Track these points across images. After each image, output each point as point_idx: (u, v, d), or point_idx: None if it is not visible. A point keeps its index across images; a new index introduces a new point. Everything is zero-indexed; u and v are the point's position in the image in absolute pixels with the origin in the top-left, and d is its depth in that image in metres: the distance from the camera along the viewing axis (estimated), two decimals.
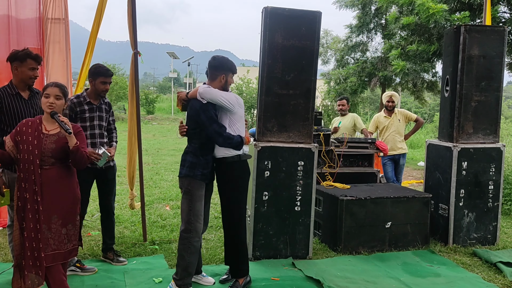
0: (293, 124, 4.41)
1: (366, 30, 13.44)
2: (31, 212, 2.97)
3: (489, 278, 4.11)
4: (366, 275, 4.10)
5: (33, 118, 3.17)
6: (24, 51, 3.53)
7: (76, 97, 3.93)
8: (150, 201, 6.50)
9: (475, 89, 4.89)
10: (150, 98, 31.07)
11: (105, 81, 3.94)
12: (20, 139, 3.03)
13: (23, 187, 2.99)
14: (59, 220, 3.03)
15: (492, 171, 5.00)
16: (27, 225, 2.96)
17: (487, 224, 5.04)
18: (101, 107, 4.02)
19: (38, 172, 2.97)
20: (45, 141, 3.02)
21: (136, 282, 3.74)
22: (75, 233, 3.13)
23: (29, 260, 2.95)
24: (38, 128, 3.05)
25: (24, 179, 2.99)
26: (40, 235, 2.95)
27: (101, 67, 3.98)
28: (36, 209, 2.96)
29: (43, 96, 3.06)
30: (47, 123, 3.09)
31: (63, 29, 4.81)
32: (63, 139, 3.04)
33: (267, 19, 4.27)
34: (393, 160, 6.54)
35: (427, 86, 12.52)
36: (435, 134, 16.33)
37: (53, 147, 3.02)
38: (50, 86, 3.08)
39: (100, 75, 3.92)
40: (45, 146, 3.01)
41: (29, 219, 2.96)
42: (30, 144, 2.99)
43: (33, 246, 2.95)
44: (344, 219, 4.63)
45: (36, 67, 3.57)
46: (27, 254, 2.95)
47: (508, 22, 8.56)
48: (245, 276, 3.73)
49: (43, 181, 2.98)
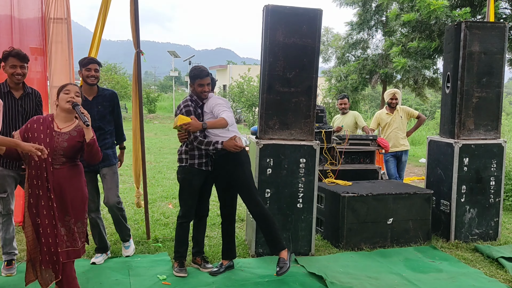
0: (294, 122, 4.43)
1: (367, 28, 13.46)
2: (45, 209, 3.01)
3: (491, 273, 4.13)
4: (368, 271, 4.12)
5: (45, 116, 3.20)
6: (7, 50, 3.65)
7: None
8: (153, 200, 6.53)
9: (476, 85, 4.90)
10: (151, 97, 31.09)
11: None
12: (31, 136, 3.05)
13: (35, 184, 3.02)
14: (71, 219, 3.09)
15: (494, 167, 5.02)
16: (42, 222, 3.01)
17: (488, 219, 5.06)
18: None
19: (51, 170, 3.01)
20: (57, 139, 3.05)
21: (140, 280, 3.77)
22: (84, 230, 3.19)
23: (46, 256, 3.02)
24: (50, 125, 3.08)
25: (36, 176, 3.02)
26: (56, 231, 3.00)
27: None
28: (51, 205, 3.01)
29: (63, 93, 3.11)
30: (59, 121, 3.12)
31: (65, 29, 4.82)
32: (75, 137, 3.07)
33: (268, 17, 4.29)
34: (395, 157, 6.55)
35: (428, 83, 12.53)
36: (436, 130, 16.33)
37: (65, 145, 3.05)
38: (70, 84, 3.19)
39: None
40: (57, 144, 3.04)
41: (44, 215, 3.01)
42: (42, 142, 3.01)
43: (49, 241, 3.01)
44: (346, 215, 4.66)
45: (17, 64, 3.64)
46: (43, 250, 3.01)
47: (509, 18, 8.55)
48: (285, 248, 3.76)
49: (55, 180, 3.02)
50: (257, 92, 18.67)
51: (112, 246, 4.46)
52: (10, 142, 2.95)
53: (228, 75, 35.95)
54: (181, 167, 3.96)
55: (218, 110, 3.79)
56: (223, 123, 3.68)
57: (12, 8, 4.70)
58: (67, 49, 4.87)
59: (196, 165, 3.89)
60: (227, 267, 4.04)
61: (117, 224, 4.25)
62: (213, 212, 5.69)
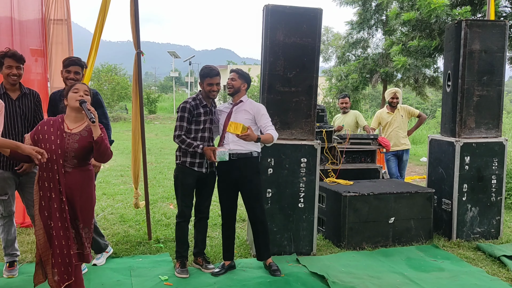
0: (295, 121, 4.43)
1: (367, 27, 13.44)
2: (58, 211, 2.98)
3: (493, 272, 4.12)
4: (370, 270, 4.12)
5: (55, 117, 3.15)
6: (3, 51, 3.64)
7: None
8: (154, 200, 6.53)
9: (477, 84, 4.90)
10: (152, 98, 31.07)
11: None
12: (41, 137, 3.02)
13: (46, 187, 2.99)
14: (80, 223, 3.07)
15: (495, 165, 5.01)
16: (55, 224, 2.98)
17: (490, 218, 5.05)
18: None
19: (62, 172, 2.97)
20: (68, 140, 3.01)
21: (142, 280, 3.77)
22: (90, 236, 3.17)
23: (58, 258, 2.99)
24: (60, 127, 3.05)
25: (47, 178, 2.99)
26: (68, 234, 2.99)
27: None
28: (63, 208, 2.98)
29: (71, 92, 3.08)
30: (70, 121, 3.09)
31: (65, 30, 4.83)
32: (86, 138, 3.04)
33: (268, 17, 4.28)
34: (397, 156, 6.54)
35: (428, 81, 12.51)
36: (437, 129, 16.31)
37: (76, 146, 3.01)
38: (79, 83, 3.16)
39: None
40: (67, 145, 3.00)
41: (57, 218, 2.99)
42: (53, 143, 2.99)
43: (62, 244, 2.99)
44: (348, 215, 4.65)
45: (12, 65, 3.63)
46: (56, 252, 2.99)
47: (509, 17, 8.53)
48: (270, 256, 4.09)
49: (67, 184, 2.99)
50: (258, 92, 18.64)
51: (114, 248, 4.46)
52: (11, 144, 2.94)
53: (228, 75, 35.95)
54: (176, 165, 3.99)
55: (265, 122, 3.90)
56: (271, 141, 3.83)
57: (12, 10, 4.70)
58: (67, 50, 4.87)
59: (188, 164, 3.88)
60: (229, 268, 4.04)
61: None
62: (214, 213, 5.69)
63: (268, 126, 3.87)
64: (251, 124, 3.83)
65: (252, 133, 3.62)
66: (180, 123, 3.85)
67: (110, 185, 7.67)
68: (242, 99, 3.98)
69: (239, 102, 3.98)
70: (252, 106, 3.95)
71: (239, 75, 3.99)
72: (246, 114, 3.91)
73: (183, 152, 3.91)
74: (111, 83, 27.78)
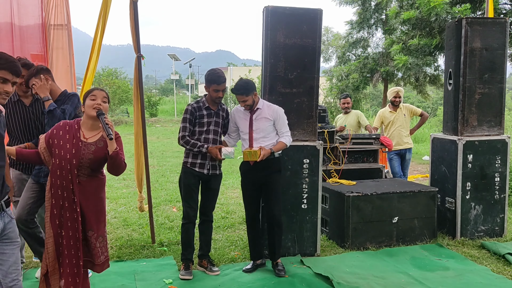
0: (297, 122, 4.43)
1: (367, 26, 13.42)
2: (69, 221, 2.90)
3: (498, 270, 4.11)
4: (374, 270, 4.11)
5: (71, 121, 3.03)
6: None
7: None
8: (157, 203, 6.52)
9: (478, 81, 4.89)
10: (153, 101, 31.13)
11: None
12: (56, 142, 2.92)
13: (60, 195, 2.90)
14: (94, 233, 2.98)
15: (498, 163, 5.00)
16: (66, 233, 2.91)
17: (494, 216, 5.03)
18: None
19: (77, 182, 2.88)
20: (84, 151, 2.90)
21: (147, 284, 3.77)
22: (105, 244, 3.08)
23: (67, 268, 2.91)
24: (76, 134, 2.94)
25: (61, 186, 2.89)
26: (79, 244, 2.91)
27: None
28: (75, 217, 2.90)
29: (88, 99, 2.94)
30: (86, 130, 2.97)
31: (66, 35, 4.82)
32: (102, 149, 2.93)
33: (268, 18, 4.28)
34: (399, 155, 6.53)
35: (429, 80, 12.49)
36: (438, 128, 16.29)
37: (91, 157, 2.91)
38: (97, 89, 3.01)
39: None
40: (83, 156, 2.89)
41: (68, 227, 2.90)
42: (68, 152, 2.89)
43: (71, 253, 2.91)
44: (351, 215, 4.64)
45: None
46: (65, 262, 2.92)
47: (509, 14, 8.52)
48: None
49: (81, 193, 2.91)
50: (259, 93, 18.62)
51: (117, 252, 4.46)
52: (9, 150, 2.89)
53: (228, 77, 35.99)
54: (182, 165, 4.06)
55: (283, 127, 3.99)
56: (284, 147, 4.00)
57: (13, 15, 4.70)
58: (68, 55, 4.87)
59: (189, 165, 3.94)
60: (258, 265, 4.16)
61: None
62: (218, 215, 5.69)
63: (284, 133, 4.00)
64: (273, 130, 3.99)
65: (265, 150, 3.82)
66: (183, 124, 3.95)
67: (112, 189, 7.68)
68: (258, 106, 3.99)
69: (256, 109, 3.99)
70: (270, 112, 3.98)
71: (245, 90, 3.89)
72: (267, 122, 3.96)
73: (186, 153, 4.00)
74: (112, 87, 27.84)
